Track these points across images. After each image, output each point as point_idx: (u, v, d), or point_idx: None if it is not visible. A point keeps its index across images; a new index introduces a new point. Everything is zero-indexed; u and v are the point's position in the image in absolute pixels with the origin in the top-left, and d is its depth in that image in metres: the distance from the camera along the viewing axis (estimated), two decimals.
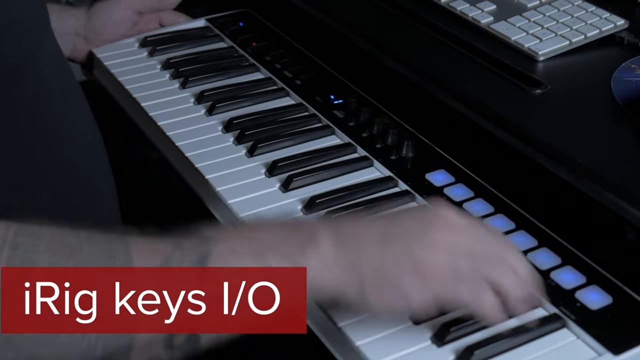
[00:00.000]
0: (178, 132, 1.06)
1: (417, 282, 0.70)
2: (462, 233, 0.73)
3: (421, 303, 0.71)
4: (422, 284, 0.70)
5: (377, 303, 0.71)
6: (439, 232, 0.72)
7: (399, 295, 0.70)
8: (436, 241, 0.71)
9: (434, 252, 0.71)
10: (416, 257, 0.70)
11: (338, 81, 1.14)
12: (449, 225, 0.73)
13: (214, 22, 1.33)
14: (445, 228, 0.72)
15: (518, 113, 0.95)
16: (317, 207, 0.91)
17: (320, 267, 0.69)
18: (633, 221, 0.79)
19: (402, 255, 0.70)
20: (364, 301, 0.71)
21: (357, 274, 0.70)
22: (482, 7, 1.11)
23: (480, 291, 0.72)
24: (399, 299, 0.71)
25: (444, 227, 0.72)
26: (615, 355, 0.74)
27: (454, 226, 0.73)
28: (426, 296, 0.70)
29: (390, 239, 0.71)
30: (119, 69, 1.21)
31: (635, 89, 0.96)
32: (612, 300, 0.79)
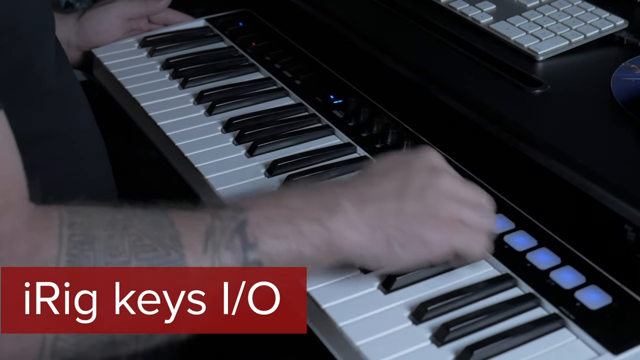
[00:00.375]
0: (178, 132, 1.06)
1: (437, 233, 0.77)
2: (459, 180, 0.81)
3: (443, 250, 0.78)
4: (441, 234, 0.77)
5: (405, 256, 0.76)
6: (445, 181, 0.79)
7: (423, 246, 0.77)
8: (445, 192, 0.78)
9: (446, 202, 0.78)
10: (433, 210, 0.77)
11: (338, 81, 1.14)
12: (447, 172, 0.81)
13: (214, 22, 1.33)
14: (446, 175, 0.80)
15: (518, 113, 0.95)
16: None
17: (346, 227, 0.74)
18: (633, 221, 0.79)
19: (421, 210, 0.77)
20: (391, 255, 0.76)
21: (382, 231, 0.75)
22: (482, 7, 1.11)
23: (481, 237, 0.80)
24: (424, 249, 0.77)
25: (445, 175, 0.80)
26: (614, 355, 0.74)
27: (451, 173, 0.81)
28: (445, 243, 0.77)
29: (406, 194, 0.77)
30: (119, 69, 1.21)
31: (634, 89, 0.96)
32: (612, 300, 0.79)
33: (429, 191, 0.78)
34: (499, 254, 0.84)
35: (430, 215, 0.77)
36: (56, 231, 0.65)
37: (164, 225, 0.68)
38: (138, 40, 1.28)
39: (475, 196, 0.81)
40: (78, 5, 1.61)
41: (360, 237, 0.74)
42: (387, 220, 0.75)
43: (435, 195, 0.78)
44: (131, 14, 1.28)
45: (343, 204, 0.74)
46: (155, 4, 1.28)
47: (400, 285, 0.81)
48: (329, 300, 0.79)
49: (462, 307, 0.79)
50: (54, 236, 0.64)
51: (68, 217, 0.66)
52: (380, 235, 0.75)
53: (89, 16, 1.24)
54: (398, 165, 0.80)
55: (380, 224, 0.75)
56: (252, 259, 0.70)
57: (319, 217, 0.73)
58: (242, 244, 0.69)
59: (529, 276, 0.82)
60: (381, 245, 0.75)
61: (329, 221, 0.73)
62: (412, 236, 0.76)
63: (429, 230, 0.77)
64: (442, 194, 0.78)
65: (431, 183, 0.78)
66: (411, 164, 0.80)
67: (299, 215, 0.72)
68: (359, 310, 0.78)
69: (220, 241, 0.69)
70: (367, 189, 0.77)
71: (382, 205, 0.76)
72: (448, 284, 0.81)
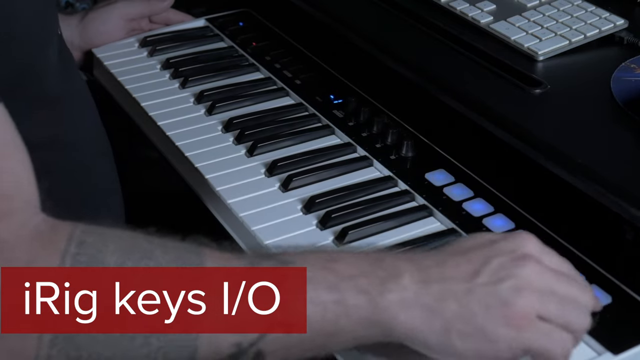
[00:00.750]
0: (178, 132, 1.06)
1: (507, 330, 0.66)
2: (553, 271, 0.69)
3: (512, 351, 0.67)
4: (512, 332, 0.66)
5: (464, 350, 0.66)
6: (531, 270, 0.68)
7: (488, 342, 0.66)
8: (527, 283, 0.67)
9: (524, 296, 0.66)
10: (506, 301, 0.66)
11: (338, 81, 1.14)
12: (539, 261, 0.69)
13: (214, 22, 1.33)
14: (535, 264, 0.68)
15: (518, 113, 0.95)
16: (317, 206, 0.91)
17: (399, 305, 0.66)
18: (633, 221, 0.79)
19: (491, 299, 0.66)
20: (448, 346, 0.66)
21: (441, 316, 0.66)
22: (482, 7, 1.11)
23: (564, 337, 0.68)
24: (488, 346, 0.66)
25: (534, 263, 0.68)
26: (614, 354, 0.74)
27: (544, 262, 0.69)
28: (516, 343, 0.66)
29: (478, 277, 0.67)
30: (119, 69, 1.21)
31: (634, 89, 0.96)
32: (612, 299, 0.79)
33: (506, 277, 0.67)
34: None
35: (503, 306, 0.66)
36: (61, 247, 0.63)
37: (191, 264, 0.64)
38: (138, 40, 1.28)
39: (569, 289, 0.69)
40: (78, 5, 1.61)
41: (414, 320, 0.66)
42: (449, 305, 0.66)
43: (512, 283, 0.67)
44: (134, 14, 1.28)
45: (402, 281, 0.66)
46: (159, 4, 1.28)
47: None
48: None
49: None
50: (58, 252, 0.62)
51: (80, 235, 0.63)
52: (439, 321, 0.66)
53: (91, 18, 1.24)
54: (482, 245, 0.70)
55: (440, 310, 0.66)
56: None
57: (369, 290, 0.65)
58: None
59: None
60: (438, 333, 0.66)
61: (380, 297, 0.65)
62: (475, 328, 0.66)
63: (498, 325, 0.66)
64: (522, 282, 0.67)
65: (513, 268, 0.68)
66: (497, 245, 0.69)
67: (347, 285, 0.65)
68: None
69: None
70: (436, 269, 0.68)
71: (447, 286, 0.67)
72: None
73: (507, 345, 0.66)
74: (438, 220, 0.90)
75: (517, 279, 0.67)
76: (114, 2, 1.26)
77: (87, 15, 1.25)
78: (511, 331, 0.66)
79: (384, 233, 0.88)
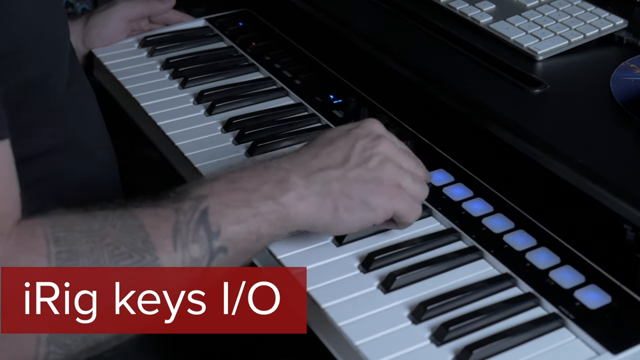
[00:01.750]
0: (178, 132, 1.06)
1: (382, 199, 0.81)
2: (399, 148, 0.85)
3: (386, 214, 0.82)
4: (386, 200, 0.81)
5: (351, 221, 0.81)
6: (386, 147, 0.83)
7: (369, 211, 0.81)
8: (386, 156, 0.82)
9: (387, 167, 0.82)
10: (376, 176, 0.81)
11: (337, 81, 1.14)
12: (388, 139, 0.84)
13: (214, 22, 1.33)
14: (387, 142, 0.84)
15: (517, 113, 0.95)
16: None
17: (297, 201, 0.78)
18: (632, 221, 0.79)
19: (364, 175, 0.81)
20: (338, 221, 0.80)
21: (329, 197, 0.79)
22: (482, 7, 1.11)
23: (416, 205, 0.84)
24: (369, 214, 0.81)
25: (386, 141, 0.84)
26: (614, 354, 0.74)
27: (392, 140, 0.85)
28: (389, 207, 0.82)
29: (349, 161, 0.81)
30: (119, 69, 1.21)
31: (634, 89, 0.96)
32: (611, 299, 0.79)
33: (371, 156, 0.82)
34: (499, 254, 0.84)
35: (374, 180, 0.81)
36: (44, 250, 0.66)
37: (135, 229, 0.70)
38: (138, 40, 1.28)
39: (412, 164, 0.85)
40: (78, 5, 1.61)
41: (310, 207, 0.78)
42: (332, 188, 0.79)
43: (376, 160, 0.82)
44: (134, 15, 1.28)
45: (293, 180, 0.78)
46: (160, 5, 1.29)
47: (400, 285, 0.81)
48: (329, 299, 0.79)
49: (462, 306, 0.79)
50: (43, 255, 0.66)
51: (51, 232, 0.67)
52: (328, 202, 0.79)
53: (94, 23, 1.25)
54: (341, 135, 0.84)
55: (327, 192, 0.79)
56: (216, 247, 0.72)
57: (273, 195, 0.77)
58: (207, 234, 0.72)
59: (529, 276, 0.82)
60: (329, 212, 0.79)
61: (283, 197, 0.77)
62: (358, 201, 0.80)
63: (374, 196, 0.81)
64: (383, 158, 0.82)
65: (373, 148, 0.82)
66: (353, 132, 0.84)
67: (255, 197, 0.76)
68: (359, 310, 0.79)
69: (188, 236, 0.71)
70: (313, 161, 0.81)
71: (327, 174, 0.80)
72: (447, 283, 0.82)
73: (384, 210, 0.82)
74: (437, 220, 0.90)
75: (378, 156, 0.82)
76: (114, 4, 1.26)
77: (89, 21, 1.25)
78: (386, 199, 0.81)
79: (383, 233, 0.88)
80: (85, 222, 0.70)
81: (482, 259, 0.85)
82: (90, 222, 0.70)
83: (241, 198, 0.75)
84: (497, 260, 0.84)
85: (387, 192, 0.81)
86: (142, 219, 0.71)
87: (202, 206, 0.73)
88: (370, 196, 0.81)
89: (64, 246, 0.67)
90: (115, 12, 1.25)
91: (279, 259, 0.84)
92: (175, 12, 1.33)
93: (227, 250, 0.73)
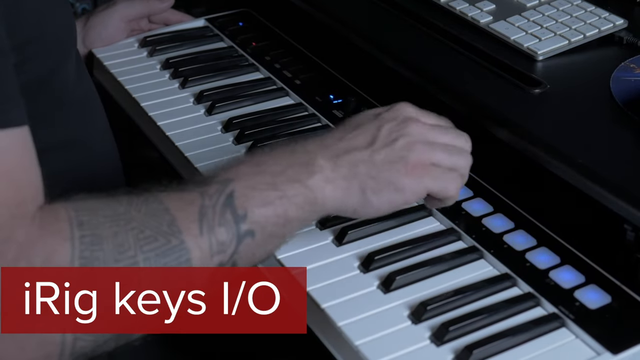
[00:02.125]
0: (178, 132, 1.06)
1: (410, 179, 0.80)
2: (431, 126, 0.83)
3: (416, 194, 0.81)
4: (414, 180, 0.80)
5: (379, 203, 0.79)
6: (415, 128, 0.82)
7: (396, 192, 0.79)
8: (414, 137, 0.81)
9: (415, 149, 0.80)
10: (402, 156, 0.80)
11: (337, 81, 1.14)
12: (418, 120, 0.83)
13: (214, 22, 1.33)
14: (416, 123, 0.82)
15: (517, 113, 0.95)
16: None
17: (325, 183, 0.77)
18: (632, 221, 0.79)
19: (391, 156, 0.80)
20: (366, 203, 0.79)
21: (357, 182, 0.78)
22: (482, 7, 1.11)
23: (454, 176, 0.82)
24: (397, 195, 0.80)
25: (415, 122, 0.82)
26: (613, 354, 0.74)
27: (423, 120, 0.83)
28: (418, 187, 0.80)
29: (375, 143, 0.80)
30: (119, 69, 1.21)
31: (634, 89, 0.96)
32: (611, 299, 0.79)
33: (397, 138, 0.81)
34: (499, 254, 0.84)
35: (401, 161, 0.79)
36: (68, 234, 0.66)
37: (160, 212, 0.70)
38: (138, 40, 1.28)
39: (447, 138, 0.83)
40: (78, 5, 1.61)
41: (337, 190, 0.77)
42: (359, 170, 0.78)
43: (403, 141, 0.80)
44: (134, 14, 1.28)
45: (319, 162, 0.77)
46: (159, 4, 1.29)
47: (400, 285, 0.81)
48: (329, 300, 0.79)
49: (462, 306, 0.79)
50: (67, 239, 0.65)
51: (75, 216, 0.67)
52: (355, 185, 0.78)
53: (93, 23, 1.25)
54: (370, 118, 0.83)
55: (354, 175, 0.78)
56: (244, 230, 0.72)
57: (299, 178, 0.76)
58: (234, 217, 0.72)
59: (529, 275, 0.82)
60: (357, 195, 0.78)
61: (310, 180, 0.76)
62: (385, 183, 0.79)
63: (401, 176, 0.79)
64: (411, 139, 0.81)
65: (400, 130, 0.81)
66: (382, 116, 0.83)
67: (281, 179, 0.75)
68: (359, 310, 0.79)
69: (214, 219, 0.71)
70: (339, 144, 0.80)
71: (353, 156, 0.79)
72: (447, 283, 0.82)
73: (412, 191, 0.80)
74: (437, 220, 0.90)
75: (405, 137, 0.81)
76: (113, 4, 1.26)
77: (89, 21, 1.25)
78: (413, 179, 0.80)
79: (383, 233, 0.88)
80: (109, 207, 0.69)
81: (482, 259, 0.85)
82: (115, 207, 0.69)
83: (267, 181, 0.74)
84: (497, 260, 0.84)
85: (415, 172, 0.80)
86: (167, 202, 0.71)
87: (228, 189, 0.73)
88: (396, 177, 0.79)
89: (87, 230, 0.66)
90: (114, 12, 1.25)
91: (279, 259, 0.84)
92: (175, 12, 1.33)
93: (255, 233, 0.72)
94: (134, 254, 0.67)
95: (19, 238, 0.64)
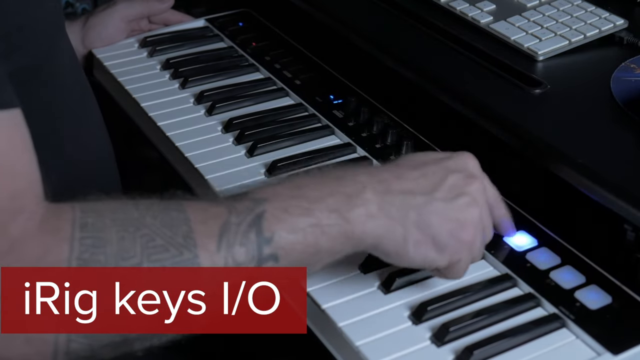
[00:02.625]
0: (178, 132, 1.06)
1: (454, 242, 0.74)
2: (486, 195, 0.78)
3: (449, 260, 0.75)
4: (457, 244, 0.75)
5: (414, 256, 0.74)
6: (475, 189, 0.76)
7: (436, 251, 0.74)
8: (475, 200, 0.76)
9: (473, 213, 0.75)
10: (458, 217, 0.74)
11: (337, 81, 1.14)
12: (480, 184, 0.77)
13: (214, 22, 1.33)
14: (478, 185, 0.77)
15: (517, 113, 0.95)
16: None
17: (366, 216, 0.72)
18: (633, 221, 0.79)
19: (447, 212, 0.74)
20: (403, 252, 0.74)
21: (402, 225, 0.73)
22: (482, 7, 1.11)
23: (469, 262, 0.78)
24: (435, 254, 0.74)
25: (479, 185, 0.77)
26: (614, 354, 0.74)
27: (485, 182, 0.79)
28: (455, 256, 0.75)
29: (436, 192, 0.75)
30: (119, 69, 1.21)
31: (634, 89, 0.96)
32: (612, 299, 0.79)
33: (459, 195, 0.75)
34: (499, 254, 0.84)
35: (457, 221, 0.74)
36: (67, 234, 0.64)
37: (179, 222, 0.67)
38: (138, 41, 1.28)
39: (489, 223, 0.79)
40: (78, 5, 1.61)
41: (378, 229, 0.72)
42: (409, 216, 0.73)
43: (464, 200, 0.75)
44: (134, 15, 1.28)
45: (366, 196, 0.72)
46: (159, 5, 1.29)
47: (400, 285, 0.81)
48: (329, 300, 0.79)
49: (462, 307, 0.79)
50: (66, 239, 0.64)
51: (80, 217, 0.65)
52: (399, 230, 0.73)
53: (93, 23, 1.25)
54: (432, 162, 0.77)
55: (402, 219, 0.73)
56: (266, 254, 0.68)
57: (338, 208, 0.71)
58: (258, 238, 0.68)
59: (529, 276, 0.82)
60: (397, 240, 0.73)
61: (349, 213, 0.71)
62: (429, 237, 0.74)
63: (448, 237, 0.74)
64: (471, 200, 0.75)
65: (464, 187, 0.76)
66: (446, 163, 0.77)
67: (319, 207, 0.71)
68: (359, 310, 0.78)
69: (235, 238, 0.68)
70: (395, 182, 0.74)
71: (408, 200, 0.74)
72: (448, 284, 0.81)
73: (450, 254, 0.75)
74: None
75: (468, 196, 0.75)
76: (113, 4, 1.26)
77: (88, 21, 1.25)
78: (457, 244, 0.74)
79: None
80: (123, 210, 0.67)
81: (483, 259, 0.85)
82: (130, 211, 0.67)
83: (303, 205, 0.70)
84: (498, 260, 0.84)
85: (465, 238, 0.75)
86: (189, 212, 0.68)
87: (259, 209, 0.69)
88: (445, 236, 0.74)
89: (90, 232, 0.64)
90: (114, 12, 1.26)
91: None
92: (175, 12, 1.33)
93: (279, 259, 0.69)
94: (139, 261, 0.65)
95: (13, 233, 0.63)
